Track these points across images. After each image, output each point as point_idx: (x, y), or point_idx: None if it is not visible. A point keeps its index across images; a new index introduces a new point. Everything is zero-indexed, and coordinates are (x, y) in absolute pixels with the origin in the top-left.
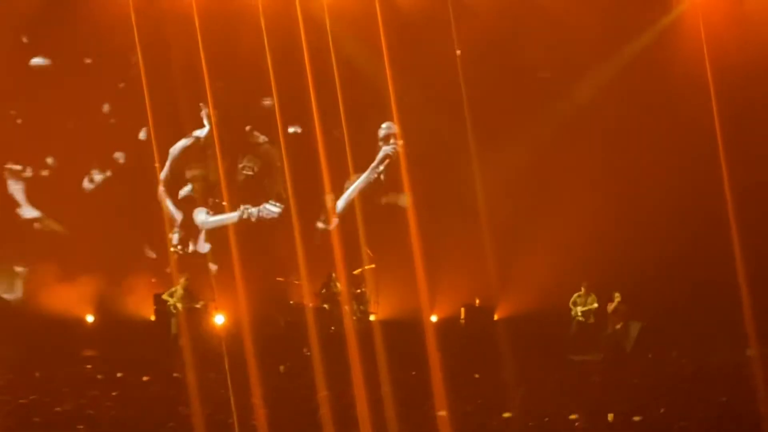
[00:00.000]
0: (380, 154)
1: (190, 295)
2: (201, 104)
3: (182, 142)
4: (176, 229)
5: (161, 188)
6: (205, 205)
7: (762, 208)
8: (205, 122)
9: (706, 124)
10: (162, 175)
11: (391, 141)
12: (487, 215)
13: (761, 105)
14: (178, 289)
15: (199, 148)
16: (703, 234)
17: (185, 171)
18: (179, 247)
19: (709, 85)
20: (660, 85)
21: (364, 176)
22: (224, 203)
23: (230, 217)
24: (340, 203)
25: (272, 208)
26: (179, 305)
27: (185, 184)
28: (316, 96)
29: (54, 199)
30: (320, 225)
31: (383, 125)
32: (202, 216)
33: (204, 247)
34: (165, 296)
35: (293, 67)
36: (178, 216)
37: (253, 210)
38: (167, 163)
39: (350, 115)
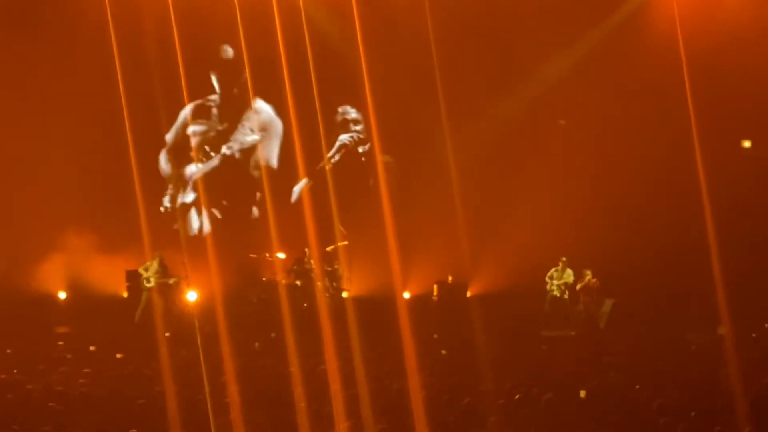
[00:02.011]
0: (337, 143)
1: (164, 270)
2: (211, 72)
3: (194, 102)
4: (168, 190)
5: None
6: (196, 158)
7: (735, 186)
8: (216, 89)
9: (679, 102)
10: (168, 135)
11: (350, 127)
12: (460, 192)
13: (734, 83)
14: (153, 264)
15: (207, 108)
16: (677, 212)
17: (189, 125)
18: (169, 205)
19: (682, 62)
20: (633, 63)
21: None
22: (213, 154)
23: (212, 162)
24: (296, 191)
25: (253, 137)
26: (153, 279)
27: (185, 141)
28: (290, 75)
29: (26, 178)
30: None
31: (339, 110)
32: (191, 169)
33: (190, 197)
34: (140, 270)
35: (267, 47)
36: (168, 173)
37: (234, 144)
38: (176, 123)
39: (324, 94)
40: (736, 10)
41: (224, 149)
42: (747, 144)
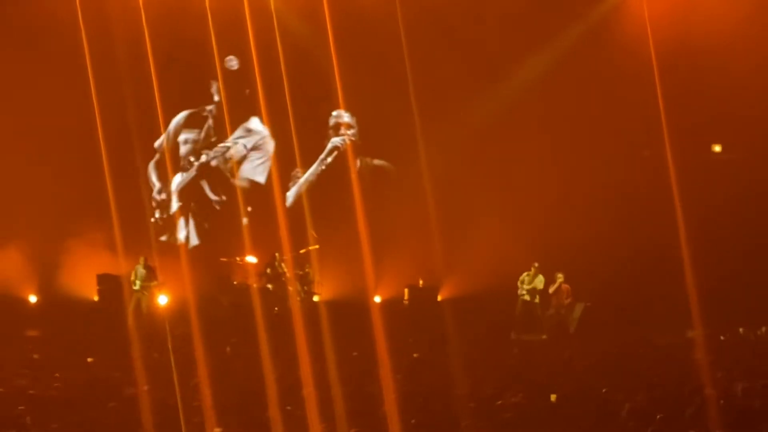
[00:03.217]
0: (329, 146)
1: (148, 273)
2: (211, 81)
3: (187, 111)
4: (154, 200)
5: (152, 162)
6: (185, 168)
7: (706, 190)
8: (215, 97)
9: (651, 106)
10: (156, 143)
11: (342, 131)
12: (432, 195)
13: (705, 88)
14: (139, 268)
15: (201, 118)
16: (648, 215)
17: (180, 133)
18: (157, 215)
19: (654, 66)
20: (605, 67)
21: (312, 169)
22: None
23: (191, 173)
24: (290, 196)
25: (240, 148)
26: (138, 282)
27: (176, 147)
28: (262, 81)
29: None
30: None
31: (333, 113)
32: (177, 179)
33: (174, 206)
34: (132, 275)
35: (239, 50)
36: (157, 184)
37: (212, 153)
38: (166, 131)
39: (296, 99)
40: (707, 14)
41: (203, 157)
42: (717, 148)
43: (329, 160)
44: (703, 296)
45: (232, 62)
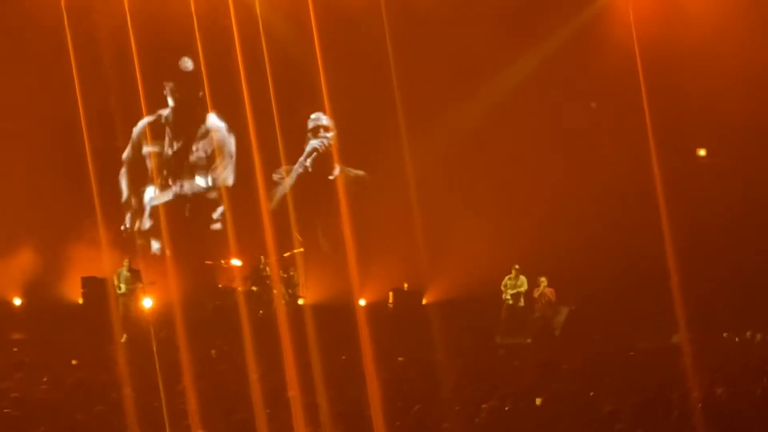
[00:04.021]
0: (308, 148)
1: (133, 275)
2: (165, 83)
3: (146, 119)
4: (128, 212)
5: (123, 169)
6: (155, 181)
7: (690, 194)
8: (169, 101)
9: (635, 110)
10: (124, 154)
11: (320, 133)
12: (416, 199)
13: (689, 92)
14: (123, 271)
15: (160, 125)
16: (633, 220)
17: (143, 147)
18: (127, 225)
19: (639, 70)
20: (590, 71)
21: (293, 173)
22: (170, 181)
23: (166, 195)
24: (273, 203)
25: (200, 183)
26: (123, 286)
27: (142, 160)
28: (247, 84)
29: None
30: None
31: (312, 116)
32: (150, 194)
33: (146, 224)
34: (115, 279)
35: (224, 57)
36: (126, 195)
37: (187, 186)
38: (131, 141)
39: (281, 102)
40: (692, 18)
41: (176, 188)
42: (702, 152)
43: (308, 162)
44: (688, 300)
45: (187, 63)
